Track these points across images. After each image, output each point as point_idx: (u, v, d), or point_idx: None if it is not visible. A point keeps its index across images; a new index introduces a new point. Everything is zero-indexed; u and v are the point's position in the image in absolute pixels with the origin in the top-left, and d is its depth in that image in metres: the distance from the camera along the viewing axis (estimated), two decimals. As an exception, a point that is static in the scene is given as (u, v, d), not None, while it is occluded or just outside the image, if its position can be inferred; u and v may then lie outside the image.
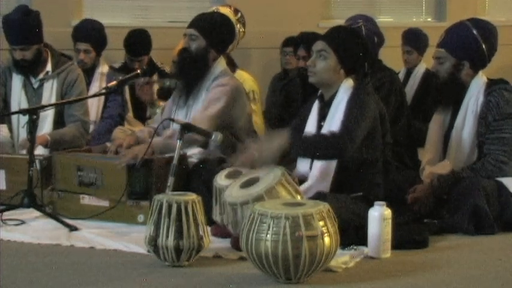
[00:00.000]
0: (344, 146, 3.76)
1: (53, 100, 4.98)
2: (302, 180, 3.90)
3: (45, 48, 5.07)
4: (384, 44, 5.36)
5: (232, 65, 5.82)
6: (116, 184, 4.09)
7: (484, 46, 4.31)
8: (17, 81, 5.05)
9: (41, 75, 5.04)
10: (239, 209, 3.46)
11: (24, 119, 4.56)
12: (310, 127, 4.07)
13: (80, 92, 5.10)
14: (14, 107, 4.97)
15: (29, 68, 5.00)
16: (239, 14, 5.77)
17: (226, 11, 5.45)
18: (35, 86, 5.06)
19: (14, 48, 4.95)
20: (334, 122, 3.93)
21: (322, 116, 4.04)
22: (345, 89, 3.97)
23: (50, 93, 5.03)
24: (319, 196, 3.68)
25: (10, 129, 5.09)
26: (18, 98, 5.02)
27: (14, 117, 5.01)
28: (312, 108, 4.13)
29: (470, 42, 4.31)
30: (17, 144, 5.00)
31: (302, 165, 4.05)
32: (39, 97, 5.03)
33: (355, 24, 5.13)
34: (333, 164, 3.91)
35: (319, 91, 4.12)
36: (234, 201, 3.47)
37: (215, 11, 5.32)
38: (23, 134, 4.87)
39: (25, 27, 4.91)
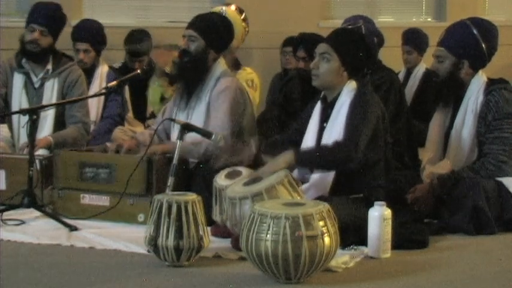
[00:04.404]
0: (350, 156, 3.77)
1: (54, 100, 4.99)
2: (303, 182, 3.91)
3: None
4: (383, 44, 5.36)
5: (237, 64, 5.82)
6: (132, 179, 4.04)
7: (483, 45, 4.31)
8: (18, 80, 5.05)
9: (42, 74, 5.04)
10: (238, 204, 3.47)
11: (24, 119, 4.56)
12: (312, 129, 4.07)
13: (81, 92, 5.11)
14: (14, 107, 4.97)
15: (35, 58, 5.00)
16: (243, 14, 5.78)
17: (231, 11, 5.45)
18: (36, 85, 5.06)
19: (33, 27, 4.96)
20: (336, 124, 3.93)
21: (325, 118, 4.04)
22: (348, 91, 3.98)
23: (50, 93, 5.03)
24: (320, 199, 3.67)
25: (10, 128, 5.09)
26: (19, 98, 5.02)
27: (15, 117, 5.01)
28: (314, 109, 4.13)
29: (470, 42, 4.32)
30: (17, 144, 5.00)
31: (302, 167, 4.05)
32: (40, 97, 5.03)
33: (356, 25, 5.13)
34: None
35: (322, 93, 4.12)
36: (234, 195, 3.50)
37: (221, 11, 5.31)
38: (23, 133, 4.87)
39: (54, 14, 5.03)
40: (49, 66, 5.06)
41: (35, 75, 5.06)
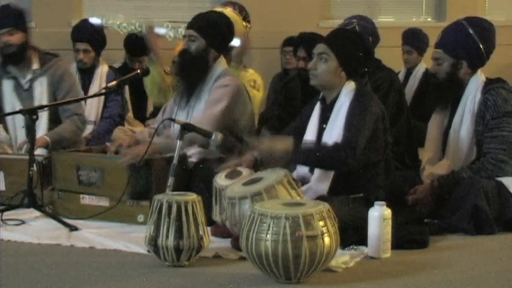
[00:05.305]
0: (347, 158, 3.77)
1: (45, 97, 5.01)
2: (303, 182, 3.91)
3: (31, 49, 5.08)
4: (379, 42, 5.35)
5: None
6: (117, 183, 4.09)
7: (480, 44, 4.31)
8: (7, 85, 5.07)
9: (30, 75, 5.05)
10: (237, 203, 3.48)
11: (19, 120, 4.70)
12: (312, 130, 4.07)
13: (70, 85, 5.12)
14: (7, 111, 4.97)
15: (14, 58, 4.99)
16: (244, 13, 5.78)
17: (229, 12, 5.44)
18: (25, 87, 5.07)
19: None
20: (335, 126, 3.93)
21: (324, 119, 4.04)
22: (347, 92, 3.97)
23: (40, 91, 5.05)
24: (320, 199, 3.67)
25: (6, 129, 5.09)
26: (11, 102, 5.04)
27: (9, 119, 5.02)
28: (313, 110, 4.13)
29: (467, 42, 4.31)
30: (14, 145, 5.01)
31: (302, 167, 4.04)
32: (30, 97, 5.03)
33: (350, 25, 5.12)
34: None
35: (321, 93, 4.12)
36: (233, 195, 3.50)
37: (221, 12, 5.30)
38: (20, 135, 4.92)
39: (11, 11, 5.03)
40: (35, 67, 5.07)
41: (23, 78, 5.06)
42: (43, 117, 4.98)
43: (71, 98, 4.98)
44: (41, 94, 5.03)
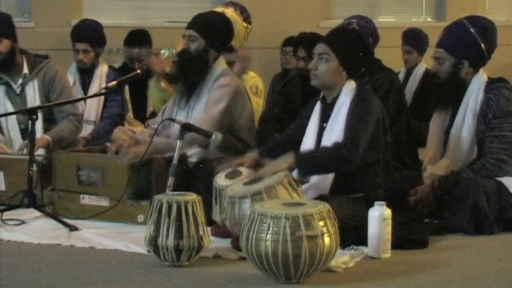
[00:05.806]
0: (350, 157, 3.76)
1: (38, 100, 5.03)
2: (303, 182, 3.91)
3: (20, 54, 5.08)
4: (378, 42, 5.35)
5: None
6: (117, 183, 4.09)
7: (482, 44, 4.31)
8: None
9: (20, 80, 5.05)
10: (237, 203, 3.48)
11: (13, 123, 4.79)
12: (312, 129, 4.07)
13: (62, 86, 5.13)
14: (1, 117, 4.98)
15: (4, 65, 4.99)
16: (245, 14, 5.78)
17: (230, 12, 5.45)
18: (17, 91, 5.07)
19: None
20: (336, 124, 3.93)
21: (324, 118, 4.04)
22: (347, 91, 3.97)
23: (33, 94, 5.06)
24: (320, 199, 3.67)
25: (2, 133, 5.09)
26: (3, 107, 5.04)
27: (3, 124, 5.03)
28: (313, 110, 4.13)
29: (468, 41, 4.31)
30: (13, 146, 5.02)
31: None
32: (23, 101, 5.04)
33: (349, 25, 5.12)
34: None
35: (322, 93, 4.12)
36: (233, 194, 3.50)
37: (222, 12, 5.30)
38: (14, 138, 4.97)
39: None
40: (25, 71, 5.08)
41: (15, 83, 5.07)
42: (38, 118, 4.99)
43: (65, 98, 4.98)
44: (33, 97, 5.04)
